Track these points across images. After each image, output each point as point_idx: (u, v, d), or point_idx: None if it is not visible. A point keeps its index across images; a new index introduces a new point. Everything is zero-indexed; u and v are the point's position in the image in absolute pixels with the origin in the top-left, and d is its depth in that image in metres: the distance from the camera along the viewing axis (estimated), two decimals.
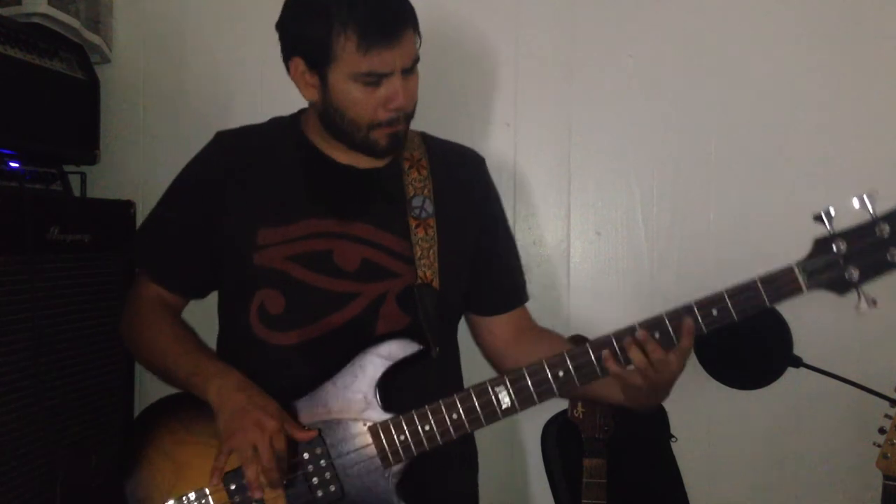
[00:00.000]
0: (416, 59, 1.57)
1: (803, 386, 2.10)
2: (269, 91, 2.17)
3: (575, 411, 1.96)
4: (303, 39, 1.55)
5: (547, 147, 2.26)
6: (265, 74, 2.24)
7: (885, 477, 1.83)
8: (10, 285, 1.73)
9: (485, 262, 1.74)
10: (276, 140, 1.70)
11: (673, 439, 2.13)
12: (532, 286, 1.84)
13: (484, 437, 1.95)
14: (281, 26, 1.61)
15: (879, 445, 1.84)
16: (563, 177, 2.25)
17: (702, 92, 2.19)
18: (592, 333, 1.67)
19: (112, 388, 2.05)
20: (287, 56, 1.60)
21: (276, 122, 1.75)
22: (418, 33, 1.57)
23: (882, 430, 1.85)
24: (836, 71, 2.14)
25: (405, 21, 1.53)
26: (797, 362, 2.06)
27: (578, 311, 2.25)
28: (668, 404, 2.16)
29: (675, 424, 2.15)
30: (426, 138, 1.77)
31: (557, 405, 2.08)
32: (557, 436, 2.12)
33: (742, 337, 2.07)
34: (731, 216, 2.18)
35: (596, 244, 2.24)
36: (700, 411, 2.19)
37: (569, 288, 2.25)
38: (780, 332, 2.07)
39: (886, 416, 1.85)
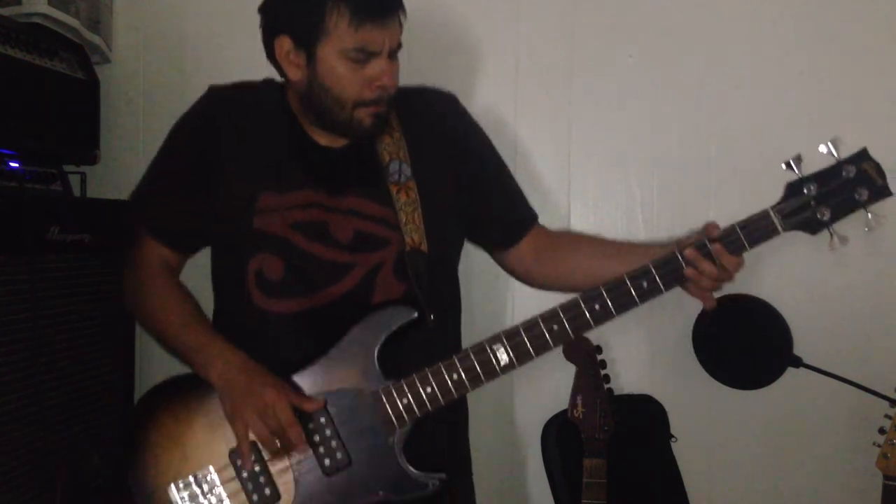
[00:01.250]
0: (400, 46, 1.60)
1: (803, 386, 2.10)
2: None
3: (575, 411, 1.96)
4: (294, 15, 1.57)
5: (547, 147, 2.25)
6: (266, 74, 2.23)
7: (885, 477, 1.83)
8: (10, 285, 1.72)
9: (480, 201, 1.75)
10: (269, 105, 1.71)
11: (673, 439, 2.13)
12: None
13: (484, 438, 1.95)
14: (268, 4, 1.63)
15: (879, 445, 1.84)
16: (563, 177, 2.25)
17: (702, 92, 2.18)
18: (593, 333, 1.68)
19: (112, 388, 2.05)
20: (272, 35, 1.61)
21: (269, 86, 1.74)
22: (404, 21, 1.60)
23: (882, 431, 1.85)
24: (837, 71, 2.14)
25: (396, 4, 1.57)
26: (797, 362, 2.06)
27: None
28: (668, 404, 2.16)
29: (675, 424, 2.15)
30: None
31: (557, 406, 2.08)
32: (557, 436, 2.12)
33: (742, 337, 2.08)
34: (731, 216, 2.17)
35: None
36: (700, 411, 2.19)
37: None
38: (780, 333, 2.07)
39: (886, 416, 1.85)
